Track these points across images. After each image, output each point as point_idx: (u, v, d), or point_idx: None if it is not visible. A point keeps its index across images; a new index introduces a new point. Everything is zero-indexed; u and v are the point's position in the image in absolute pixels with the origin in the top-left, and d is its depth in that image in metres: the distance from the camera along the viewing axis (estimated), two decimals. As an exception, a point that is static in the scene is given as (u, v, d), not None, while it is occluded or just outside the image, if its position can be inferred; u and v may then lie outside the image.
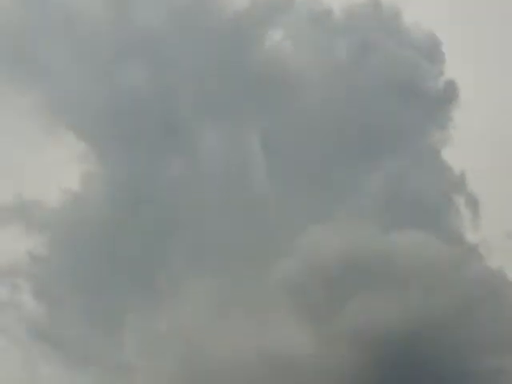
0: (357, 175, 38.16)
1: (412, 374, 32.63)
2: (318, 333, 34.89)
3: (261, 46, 40.50)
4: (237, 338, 34.98)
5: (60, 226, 38.53)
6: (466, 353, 33.67)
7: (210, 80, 39.40)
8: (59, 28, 39.96)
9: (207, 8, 40.38)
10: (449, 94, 39.94)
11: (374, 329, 33.47)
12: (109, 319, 37.71)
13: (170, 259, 37.03)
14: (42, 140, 39.43)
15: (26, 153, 40.86)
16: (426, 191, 38.28)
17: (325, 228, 36.13)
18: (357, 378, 32.97)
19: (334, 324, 34.64)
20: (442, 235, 36.76)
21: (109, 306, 37.79)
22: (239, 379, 33.78)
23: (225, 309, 36.50)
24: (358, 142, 38.51)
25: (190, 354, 35.22)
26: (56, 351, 38.19)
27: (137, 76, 38.99)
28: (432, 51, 40.69)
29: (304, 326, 35.29)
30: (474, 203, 39.29)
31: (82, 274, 38.09)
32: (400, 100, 39.55)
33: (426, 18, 41.17)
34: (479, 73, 46.28)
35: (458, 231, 38.49)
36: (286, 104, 39.50)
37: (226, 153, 39.19)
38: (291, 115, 39.25)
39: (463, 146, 40.36)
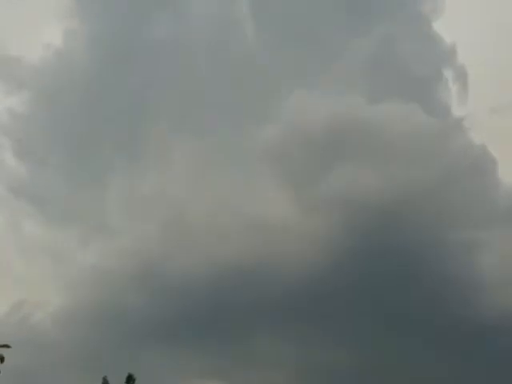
0: (345, 41, 37.35)
1: (385, 244, 32.85)
2: (299, 198, 35.18)
3: None
4: (220, 202, 35.19)
5: (42, 83, 37.83)
6: (443, 224, 34.17)
7: None
8: None
9: None
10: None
11: (354, 197, 33.67)
12: (92, 179, 37.62)
13: (156, 121, 36.63)
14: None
15: (6, 7, 39.84)
16: (416, 62, 37.67)
17: (311, 94, 35.75)
18: (332, 243, 33.19)
19: (315, 190, 34.90)
20: (428, 107, 36.52)
21: (92, 166, 37.64)
22: (222, 244, 34.11)
23: (209, 172, 36.56)
24: (349, 6, 37.49)
25: (173, 216, 35.42)
26: (39, 210, 38.29)
27: None
28: None
29: (286, 191, 35.51)
30: (462, 76, 38.97)
31: (65, 132, 37.74)
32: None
33: None
34: None
35: (445, 104, 38.20)
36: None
37: (213, 14, 38.17)
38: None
39: (457, 18, 39.60)
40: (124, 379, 16.49)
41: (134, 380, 16.54)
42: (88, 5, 37.72)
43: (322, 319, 30.81)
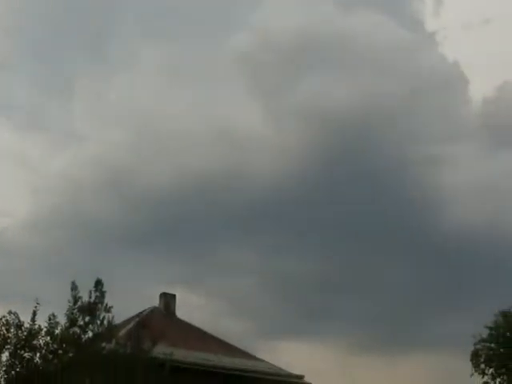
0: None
1: (355, 154, 32.73)
2: (269, 109, 34.94)
3: None
4: (188, 110, 34.73)
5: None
6: (411, 139, 34.18)
7: None
8: None
9: None
10: None
11: (324, 110, 33.35)
12: (57, 85, 36.95)
13: (126, 26, 35.70)
14: None
15: None
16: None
17: (284, 2, 35.06)
18: (303, 156, 33.14)
19: (284, 101, 34.65)
20: (401, 20, 36.24)
21: (58, 71, 36.88)
22: (189, 152, 33.82)
23: (179, 80, 35.93)
24: None
25: (140, 124, 34.96)
26: (4, 117, 37.69)
27: None
28: None
29: (256, 101, 35.24)
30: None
31: (28, 34, 36.68)
32: None
33: None
34: None
35: (418, 17, 37.93)
36: None
37: None
38: None
39: None
40: (92, 285, 16.54)
41: (102, 285, 16.60)
42: None
43: (295, 233, 30.96)
